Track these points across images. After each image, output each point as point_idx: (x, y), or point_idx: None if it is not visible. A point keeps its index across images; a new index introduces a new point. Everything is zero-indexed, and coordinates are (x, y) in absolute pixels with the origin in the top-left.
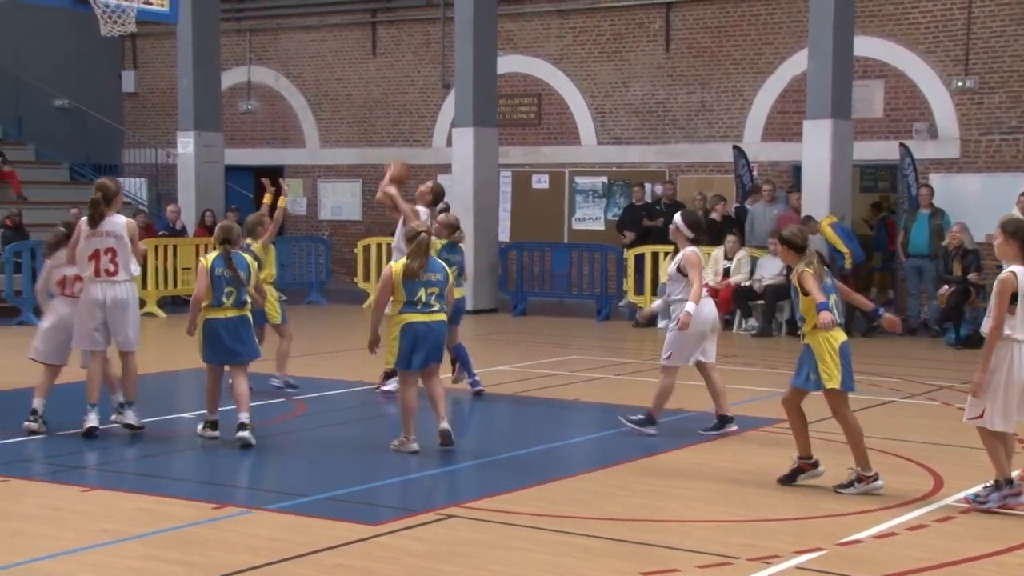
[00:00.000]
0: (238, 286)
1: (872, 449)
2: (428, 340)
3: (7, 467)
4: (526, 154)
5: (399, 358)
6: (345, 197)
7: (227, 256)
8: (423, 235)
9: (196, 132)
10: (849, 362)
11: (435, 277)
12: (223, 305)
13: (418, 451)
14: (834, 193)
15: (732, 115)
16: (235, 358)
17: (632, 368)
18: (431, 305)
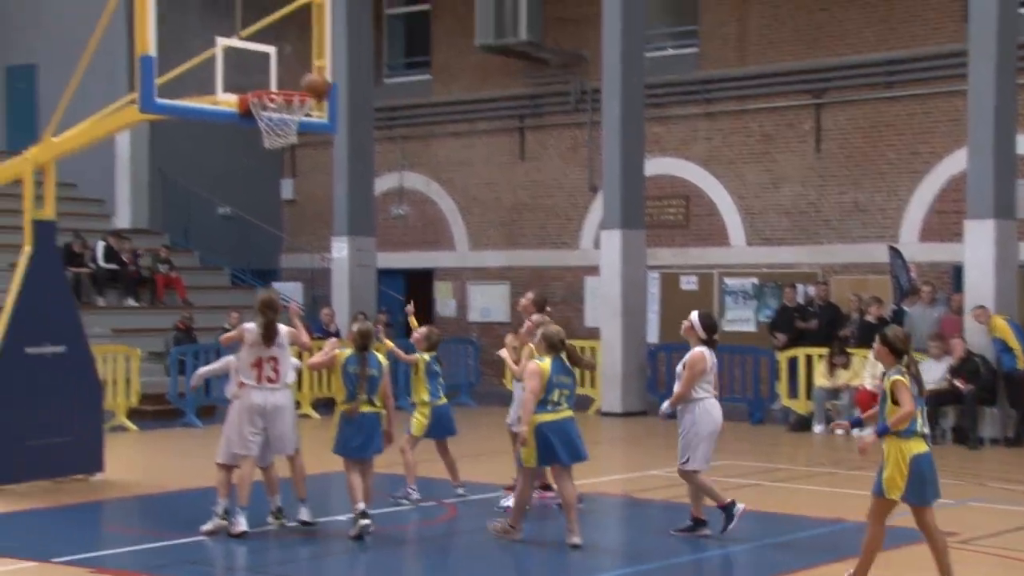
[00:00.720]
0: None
1: None
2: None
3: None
4: (674, 255)
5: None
6: (493, 299)
7: (363, 357)
8: (562, 340)
9: (350, 237)
10: (922, 473)
11: (566, 380)
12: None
13: (521, 539)
14: (999, 295)
15: (887, 215)
16: (361, 453)
17: (786, 475)
18: (560, 404)
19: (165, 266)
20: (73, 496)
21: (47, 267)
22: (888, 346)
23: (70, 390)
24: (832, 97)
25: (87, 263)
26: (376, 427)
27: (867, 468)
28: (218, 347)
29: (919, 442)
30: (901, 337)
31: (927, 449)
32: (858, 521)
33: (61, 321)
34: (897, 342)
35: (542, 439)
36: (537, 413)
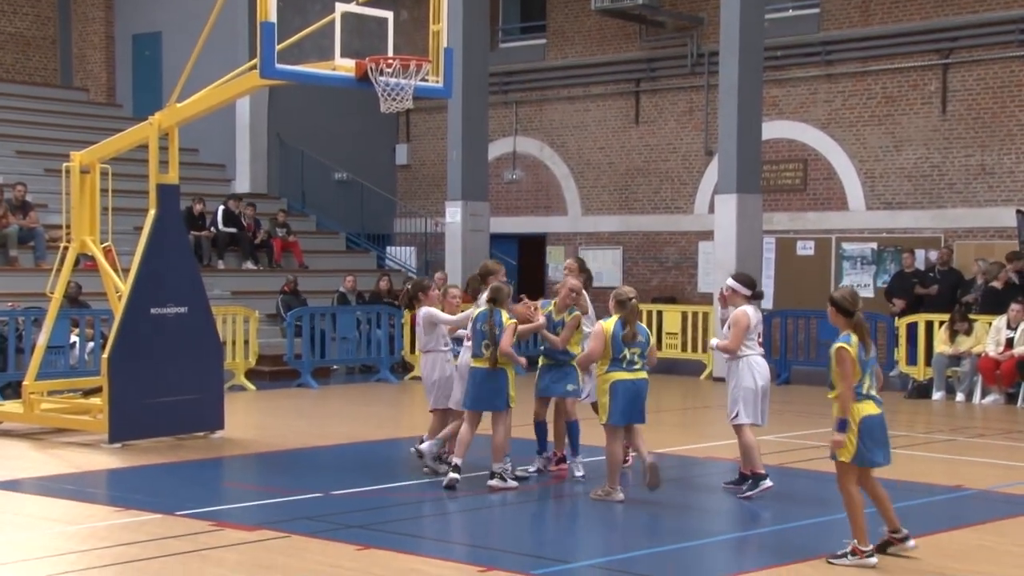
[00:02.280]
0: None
1: None
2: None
3: (289, 524)
4: (791, 220)
5: (611, 414)
6: (606, 264)
7: (491, 312)
8: (633, 300)
9: (464, 202)
10: (872, 436)
11: (641, 339)
12: (481, 356)
13: (623, 500)
14: None
15: (1016, 178)
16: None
17: (904, 441)
18: (635, 363)
19: (283, 230)
20: (194, 453)
21: (170, 230)
22: (836, 307)
23: (192, 350)
24: (960, 57)
25: (207, 227)
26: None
27: (989, 435)
28: (333, 310)
29: (868, 404)
30: (849, 297)
31: (877, 411)
32: (978, 488)
33: (183, 282)
34: (845, 302)
35: (615, 396)
36: (612, 371)
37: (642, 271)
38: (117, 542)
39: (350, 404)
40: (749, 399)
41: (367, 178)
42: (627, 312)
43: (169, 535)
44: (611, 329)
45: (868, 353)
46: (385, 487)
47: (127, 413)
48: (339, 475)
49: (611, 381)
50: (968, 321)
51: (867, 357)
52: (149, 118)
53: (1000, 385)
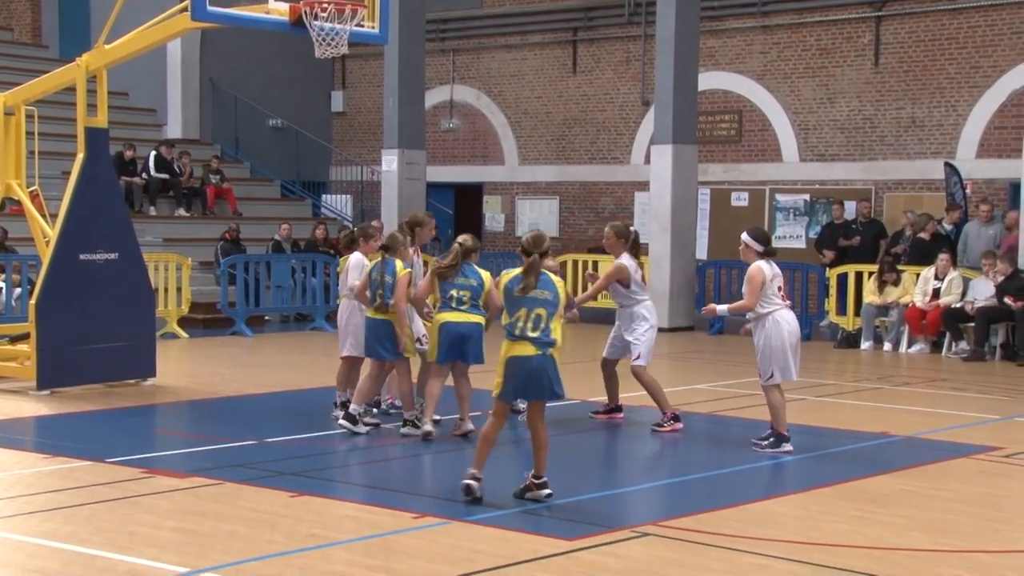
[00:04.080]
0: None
1: None
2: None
3: (222, 471)
4: (726, 171)
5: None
6: (543, 214)
7: (383, 262)
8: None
9: (400, 150)
10: (514, 374)
11: (465, 282)
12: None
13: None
14: None
15: (944, 131)
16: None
17: (833, 390)
18: (463, 304)
19: (216, 177)
20: (125, 400)
21: (100, 175)
22: (521, 248)
23: (122, 297)
24: (892, 9)
25: (139, 173)
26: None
27: (914, 384)
28: (268, 258)
29: (520, 345)
30: (531, 239)
31: (530, 353)
32: (903, 434)
33: (113, 228)
34: (528, 244)
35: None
36: (441, 312)
37: (579, 221)
38: (45, 489)
39: (284, 353)
40: (779, 358)
41: (302, 125)
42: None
43: (98, 482)
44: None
45: (527, 291)
46: (320, 435)
47: (55, 360)
48: (273, 423)
49: (441, 322)
50: (896, 272)
51: (524, 294)
52: (76, 59)
53: (926, 334)
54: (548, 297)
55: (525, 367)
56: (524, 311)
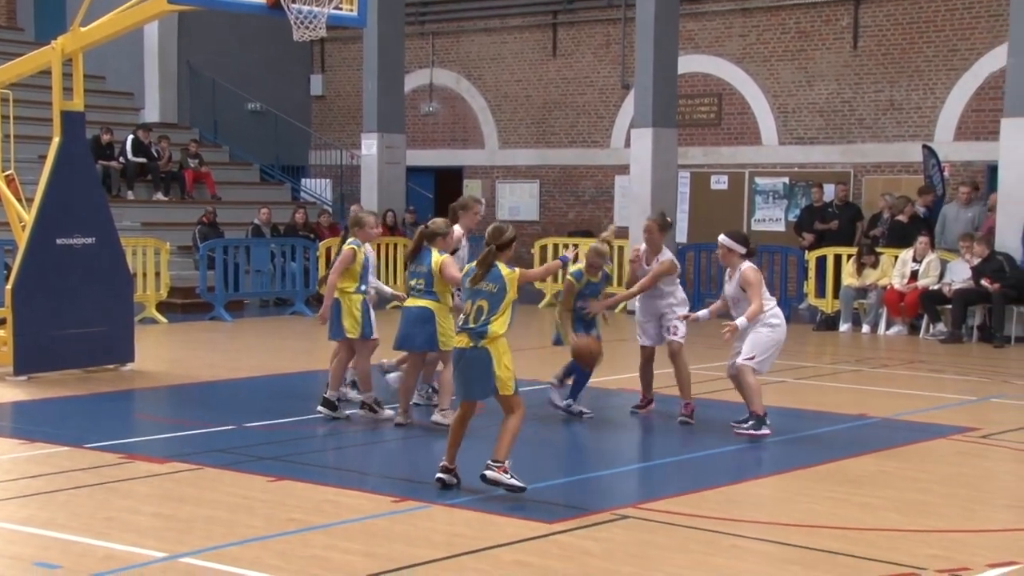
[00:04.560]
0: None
1: None
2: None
3: (201, 456)
4: (705, 155)
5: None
6: (523, 198)
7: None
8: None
9: (379, 134)
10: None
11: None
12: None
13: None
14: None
15: (923, 114)
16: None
17: (812, 372)
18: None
19: (195, 161)
20: (104, 385)
21: (76, 158)
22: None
23: (100, 281)
24: None
25: (116, 157)
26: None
27: (892, 365)
28: (247, 242)
29: (458, 336)
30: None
31: (463, 344)
32: (880, 416)
33: (90, 212)
34: (490, 235)
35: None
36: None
37: (559, 205)
38: (23, 475)
39: (264, 337)
40: (771, 350)
41: (281, 109)
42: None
43: (77, 467)
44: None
45: (475, 283)
46: (299, 419)
47: (33, 345)
48: (252, 408)
49: (359, 300)
50: (875, 254)
51: (472, 286)
52: (52, 42)
53: (904, 317)
54: (493, 290)
55: (459, 359)
56: (470, 303)
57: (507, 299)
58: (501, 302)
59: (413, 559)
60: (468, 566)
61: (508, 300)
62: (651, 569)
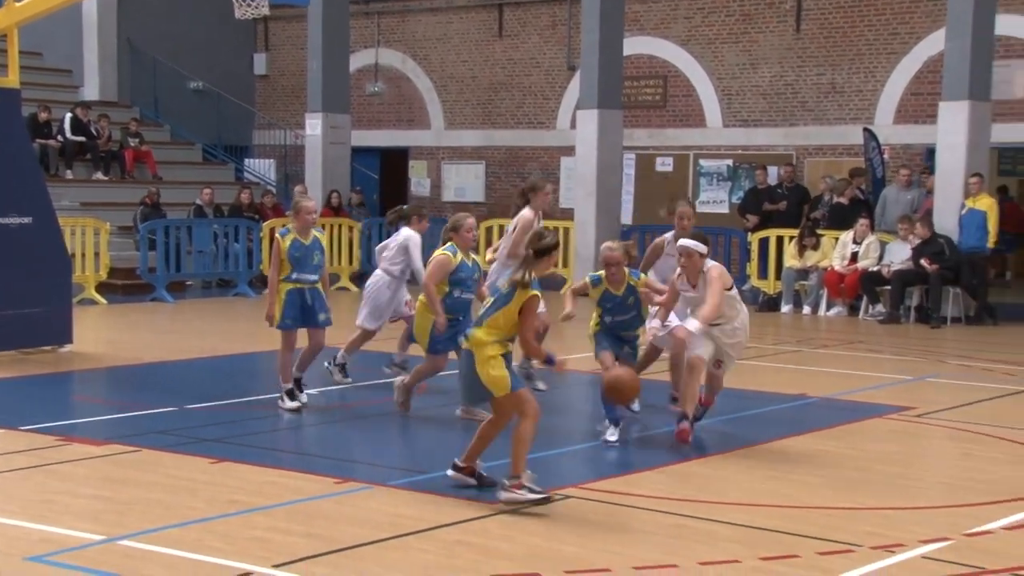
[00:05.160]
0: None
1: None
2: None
3: (141, 438)
4: (650, 136)
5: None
6: (468, 179)
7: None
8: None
9: (324, 114)
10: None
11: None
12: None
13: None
14: (969, 177)
15: (864, 97)
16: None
17: (754, 352)
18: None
19: (135, 140)
20: (42, 367)
21: (12, 136)
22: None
23: (38, 262)
24: None
25: (54, 135)
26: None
27: (832, 346)
28: (190, 223)
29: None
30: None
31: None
32: (820, 395)
33: (27, 192)
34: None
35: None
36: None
37: (504, 186)
38: None
39: (206, 319)
40: (740, 348)
41: (224, 88)
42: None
43: (13, 450)
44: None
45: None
46: (241, 401)
47: None
48: (194, 389)
49: (285, 290)
50: (816, 236)
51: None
52: None
53: (844, 298)
54: (503, 291)
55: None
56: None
57: (504, 310)
58: (498, 308)
59: (356, 540)
60: (412, 546)
61: (505, 312)
62: (593, 548)
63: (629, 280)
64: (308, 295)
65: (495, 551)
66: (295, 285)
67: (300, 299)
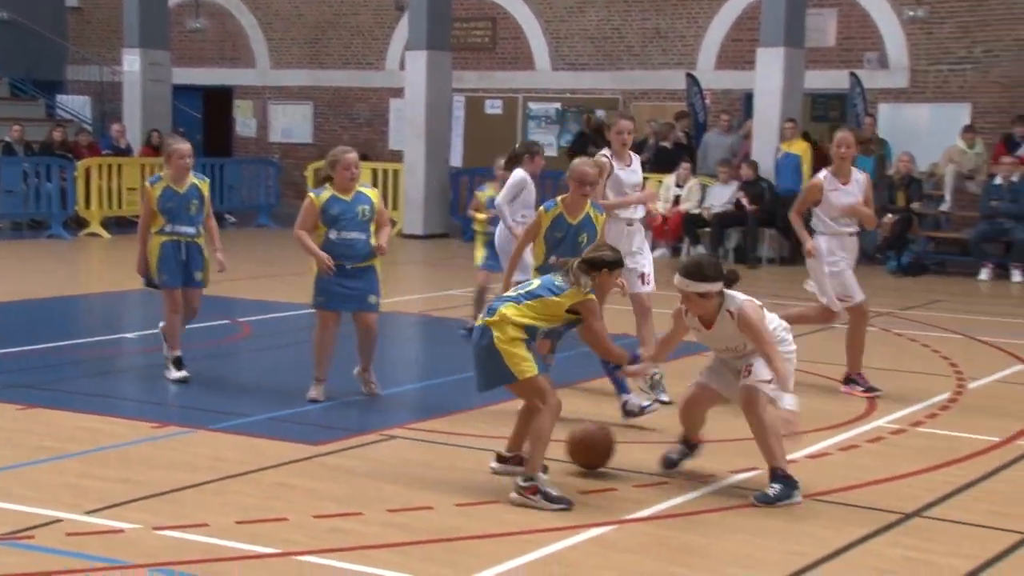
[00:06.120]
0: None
1: (811, 374)
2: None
3: None
4: (480, 79)
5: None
6: (296, 119)
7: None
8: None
9: (142, 50)
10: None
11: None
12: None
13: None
14: (784, 122)
15: (687, 42)
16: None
17: None
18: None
19: None
20: None
21: None
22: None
23: None
24: None
25: None
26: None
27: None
28: None
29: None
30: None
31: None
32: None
33: None
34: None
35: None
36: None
37: (333, 127)
38: None
39: (17, 260)
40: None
41: (33, 19)
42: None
43: None
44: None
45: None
46: (54, 346)
47: None
48: (3, 334)
49: (159, 243)
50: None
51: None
52: None
53: (667, 239)
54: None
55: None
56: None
57: (551, 300)
58: (543, 295)
59: (175, 484)
60: (232, 489)
61: (551, 303)
62: (416, 487)
63: (589, 210)
64: (184, 249)
65: (318, 492)
66: (169, 238)
67: (175, 253)
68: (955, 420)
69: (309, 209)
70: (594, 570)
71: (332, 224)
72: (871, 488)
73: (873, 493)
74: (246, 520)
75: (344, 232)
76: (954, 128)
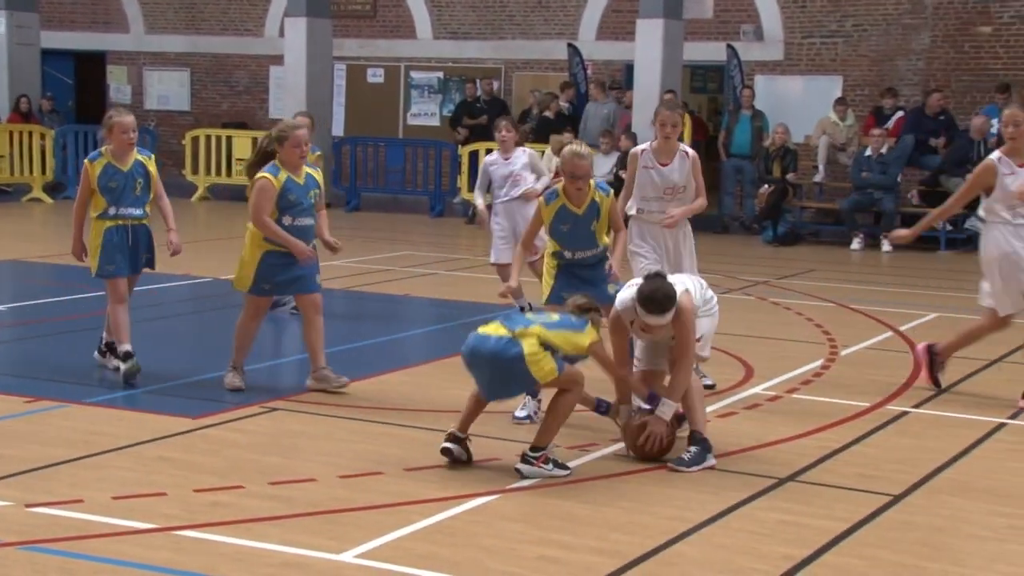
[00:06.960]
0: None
1: None
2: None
3: None
4: (361, 47)
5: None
6: (172, 87)
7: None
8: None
9: (8, 12)
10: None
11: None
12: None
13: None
14: (664, 92)
15: (568, 12)
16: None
17: (464, 264)
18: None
19: None
20: None
21: None
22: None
23: None
24: None
25: None
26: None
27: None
28: None
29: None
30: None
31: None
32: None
33: None
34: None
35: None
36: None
37: (211, 95)
38: None
39: None
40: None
41: None
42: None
43: None
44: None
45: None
46: None
47: None
48: None
49: (103, 229)
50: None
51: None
52: None
53: None
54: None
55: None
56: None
57: (570, 335)
58: (566, 328)
59: (48, 459)
60: (109, 463)
61: (570, 337)
62: (297, 458)
63: (595, 196)
64: (130, 234)
65: (199, 466)
66: (115, 222)
67: (122, 240)
68: (828, 387)
69: (268, 192)
70: (476, 538)
71: (288, 210)
72: (748, 454)
73: (750, 458)
74: (123, 495)
75: (299, 219)
76: (827, 100)
